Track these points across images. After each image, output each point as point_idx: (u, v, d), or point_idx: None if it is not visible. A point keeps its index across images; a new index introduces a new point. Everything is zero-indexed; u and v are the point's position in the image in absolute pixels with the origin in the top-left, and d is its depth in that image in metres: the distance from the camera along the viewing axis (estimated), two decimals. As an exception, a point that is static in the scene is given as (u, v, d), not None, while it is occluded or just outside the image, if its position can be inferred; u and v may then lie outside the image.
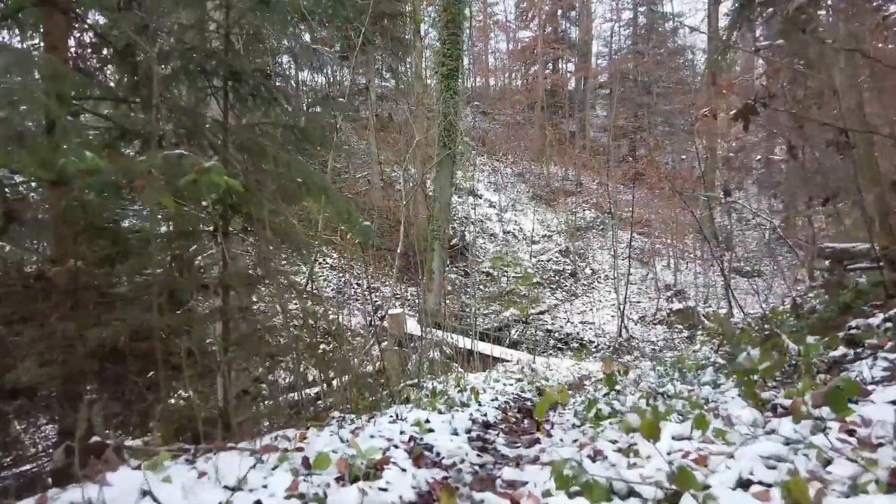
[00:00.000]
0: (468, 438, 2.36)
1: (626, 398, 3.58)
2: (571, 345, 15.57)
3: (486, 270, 19.54)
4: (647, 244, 22.39)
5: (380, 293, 17.58)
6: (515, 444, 2.39)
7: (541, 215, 24.53)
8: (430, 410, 2.96)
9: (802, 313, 6.18)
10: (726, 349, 5.12)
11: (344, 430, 2.27)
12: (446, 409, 3.07)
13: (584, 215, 24.98)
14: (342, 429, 2.30)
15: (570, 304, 18.21)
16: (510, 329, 16.29)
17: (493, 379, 5.25)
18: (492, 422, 2.93)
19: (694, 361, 5.59)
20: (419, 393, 4.58)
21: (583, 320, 16.88)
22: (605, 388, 3.94)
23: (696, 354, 6.64)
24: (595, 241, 23.02)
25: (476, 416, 2.84)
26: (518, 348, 14.89)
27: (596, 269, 20.81)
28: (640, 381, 4.79)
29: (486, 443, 2.37)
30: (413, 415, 2.67)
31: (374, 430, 2.21)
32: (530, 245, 21.75)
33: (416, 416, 2.60)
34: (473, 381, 5.41)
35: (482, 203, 24.12)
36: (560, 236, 22.67)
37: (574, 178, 27.77)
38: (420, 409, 2.99)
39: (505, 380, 5.33)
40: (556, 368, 9.92)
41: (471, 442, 2.30)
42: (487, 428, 2.75)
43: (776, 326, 5.00)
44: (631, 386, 4.73)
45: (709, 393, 3.30)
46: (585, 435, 2.50)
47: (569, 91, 34.77)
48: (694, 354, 6.45)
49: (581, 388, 7.05)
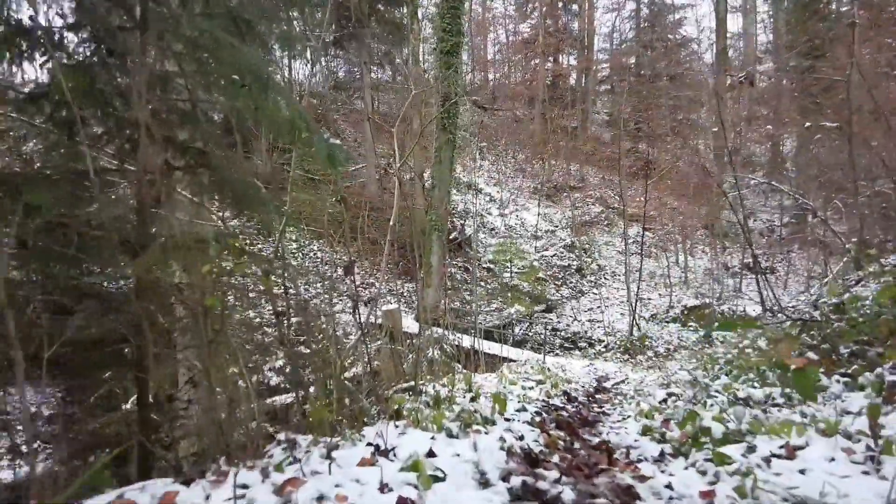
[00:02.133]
0: (508, 490, 1.30)
1: (712, 406, 2.52)
2: (579, 344, 14.53)
3: (488, 266, 18.49)
4: (656, 238, 21.40)
5: (375, 288, 16.52)
6: (595, 499, 1.34)
7: (543, 210, 23.52)
8: (434, 431, 1.92)
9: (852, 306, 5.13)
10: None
11: (268, 480, 1.21)
12: (460, 428, 2.01)
13: (589, 210, 23.97)
14: (266, 478, 1.24)
15: (576, 301, 17.17)
16: (514, 327, 15.24)
17: (508, 381, 4.21)
18: (534, 449, 1.85)
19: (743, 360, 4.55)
20: (417, 401, 3.51)
21: (591, 318, 15.84)
22: (682, 391, 2.89)
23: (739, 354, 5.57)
24: (601, 237, 22.01)
25: (509, 442, 1.77)
26: (523, 347, 13.84)
27: (603, 265, 19.78)
28: (700, 384, 3.72)
29: (541, 499, 1.31)
30: (407, 442, 1.62)
31: (327, 484, 1.17)
32: (533, 240, 20.71)
33: (411, 444, 1.56)
34: (484, 384, 4.36)
35: (483, 197, 23.10)
36: (564, 231, 21.65)
37: (577, 173, 26.76)
38: (418, 430, 1.94)
39: (523, 382, 4.29)
40: (570, 369, 8.88)
41: (516, 500, 1.24)
42: (532, 463, 1.67)
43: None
44: (689, 388, 3.67)
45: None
46: (702, 473, 1.46)
47: (570, 85, 33.79)
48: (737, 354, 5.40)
49: (605, 391, 6.01)
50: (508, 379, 4.31)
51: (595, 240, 21.36)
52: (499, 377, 4.51)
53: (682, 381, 4.13)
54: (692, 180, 24.08)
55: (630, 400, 3.90)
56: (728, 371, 4.10)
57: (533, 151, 28.21)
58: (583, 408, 3.47)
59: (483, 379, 4.70)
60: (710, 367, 4.60)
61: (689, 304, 14.99)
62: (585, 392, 4.92)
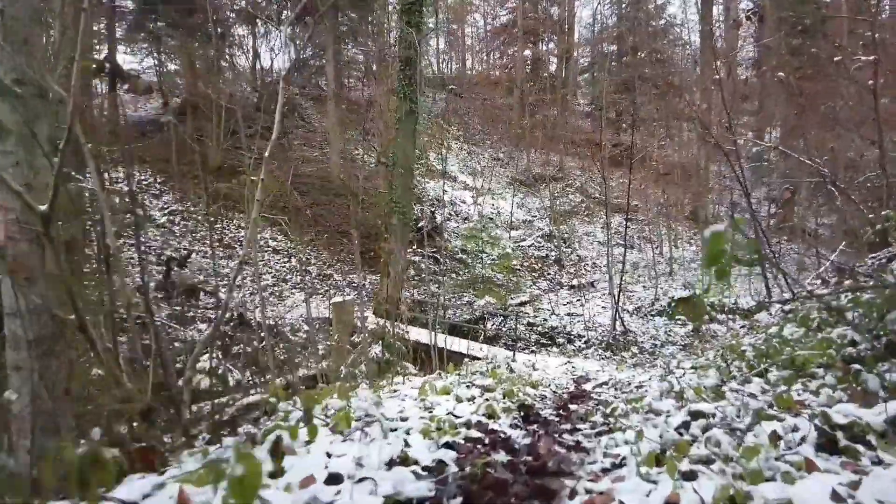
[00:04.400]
0: None
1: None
2: (557, 339, 13.22)
3: (460, 257, 17.09)
4: (639, 228, 20.24)
5: (332, 280, 14.99)
6: None
7: (521, 200, 22.21)
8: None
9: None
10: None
11: None
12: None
13: (569, 199, 22.73)
14: None
15: (555, 294, 15.86)
16: (486, 322, 13.86)
17: (438, 390, 2.80)
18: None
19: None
20: (278, 422, 2.10)
21: (570, 312, 14.54)
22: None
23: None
24: (581, 227, 20.75)
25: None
26: (496, 343, 12.46)
27: (583, 256, 18.52)
28: (739, 397, 2.34)
29: None
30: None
31: None
32: (509, 230, 19.37)
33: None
34: (410, 392, 2.93)
35: (457, 185, 21.68)
36: (542, 221, 20.34)
37: (557, 162, 25.46)
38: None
39: (461, 390, 2.89)
40: (544, 368, 7.52)
41: None
42: None
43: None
44: (715, 399, 2.30)
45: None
46: None
47: (550, 73, 32.52)
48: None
49: (584, 398, 4.63)
50: (440, 388, 2.89)
51: (575, 230, 20.10)
52: (435, 385, 3.07)
53: (697, 385, 2.75)
54: (677, 165, 23.02)
55: (621, 418, 2.51)
56: (764, 370, 2.72)
57: (511, 139, 26.84)
58: (542, 439, 2.09)
59: (413, 389, 3.26)
60: (729, 361, 3.24)
61: (677, 296, 13.77)
62: (556, 402, 3.56)
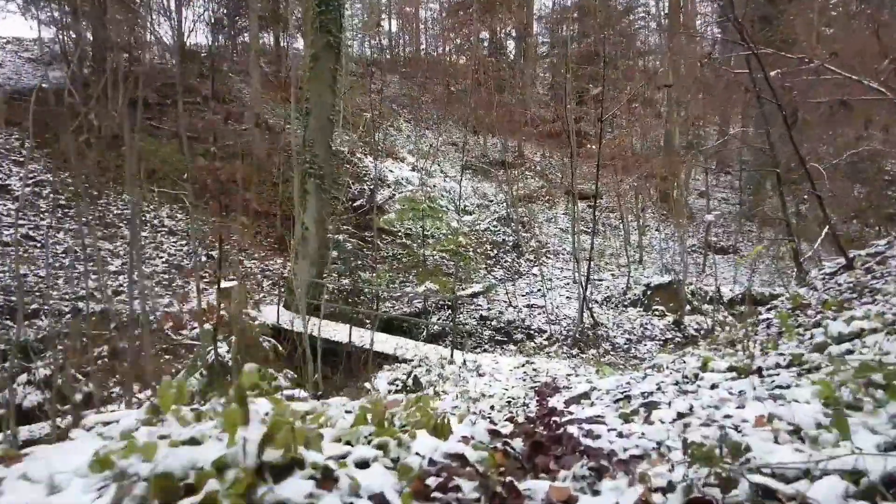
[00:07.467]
0: None
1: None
2: (515, 336, 10.98)
3: (402, 241, 14.66)
4: (605, 213, 18.34)
5: (245, 268, 12.25)
6: None
7: (476, 185, 20.00)
8: None
9: None
10: None
11: None
12: None
13: (527, 183, 20.67)
14: None
15: (512, 283, 13.66)
16: (430, 315, 11.49)
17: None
18: None
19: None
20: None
21: (529, 303, 12.35)
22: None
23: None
24: (542, 214, 18.70)
25: None
26: (441, 342, 10.10)
27: (544, 242, 16.42)
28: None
29: None
30: None
31: None
32: (461, 215, 17.08)
33: None
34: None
35: (405, 167, 19.27)
36: (500, 206, 18.15)
37: (514, 149, 23.39)
38: None
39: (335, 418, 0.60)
40: (493, 373, 5.17)
41: None
42: None
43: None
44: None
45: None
46: None
47: (509, 59, 30.63)
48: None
49: (553, 443, 2.28)
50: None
51: (535, 215, 18.01)
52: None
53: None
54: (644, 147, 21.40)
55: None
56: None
57: (467, 123, 24.70)
58: None
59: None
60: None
61: (654, 284, 11.77)
62: (500, 448, 1.22)
